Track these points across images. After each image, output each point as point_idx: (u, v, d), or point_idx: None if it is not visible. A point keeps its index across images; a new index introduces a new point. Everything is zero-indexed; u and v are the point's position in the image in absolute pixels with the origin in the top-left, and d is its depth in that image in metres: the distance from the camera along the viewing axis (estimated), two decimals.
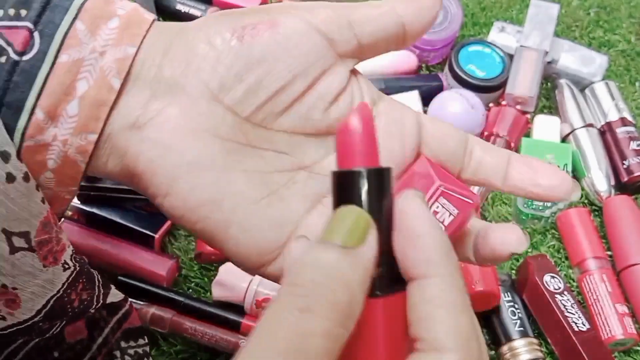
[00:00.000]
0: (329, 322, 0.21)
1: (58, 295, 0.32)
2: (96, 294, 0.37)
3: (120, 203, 0.57)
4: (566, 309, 0.54)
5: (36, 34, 0.27)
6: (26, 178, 0.27)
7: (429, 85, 0.67)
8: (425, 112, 0.65)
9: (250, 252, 0.30)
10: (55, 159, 0.28)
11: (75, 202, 0.56)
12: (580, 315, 0.54)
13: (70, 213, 0.57)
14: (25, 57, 0.27)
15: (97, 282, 0.36)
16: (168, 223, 0.57)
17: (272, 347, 0.20)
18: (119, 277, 0.55)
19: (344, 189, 0.24)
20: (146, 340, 0.45)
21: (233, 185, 0.29)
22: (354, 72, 0.32)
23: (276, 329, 0.20)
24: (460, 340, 0.22)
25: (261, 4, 0.71)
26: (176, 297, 0.54)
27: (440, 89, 0.67)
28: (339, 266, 0.22)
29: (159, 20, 0.66)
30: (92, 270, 0.36)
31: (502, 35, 0.70)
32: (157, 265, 0.55)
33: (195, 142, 0.28)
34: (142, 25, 0.29)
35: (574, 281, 0.60)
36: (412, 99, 0.64)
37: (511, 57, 0.68)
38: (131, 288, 0.55)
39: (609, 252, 0.60)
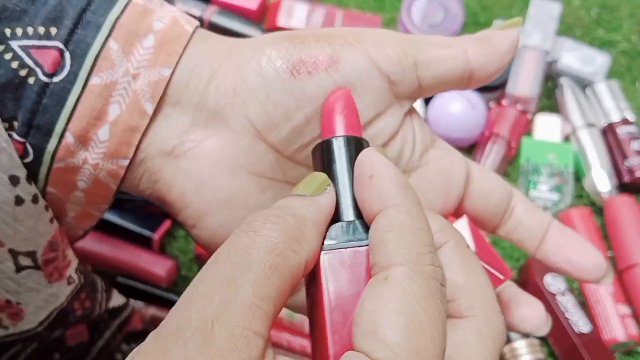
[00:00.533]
0: (274, 239, 0.21)
1: (62, 307, 0.32)
2: (99, 300, 0.36)
3: (119, 204, 0.57)
4: (567, 310, 0.54)
5: (67, 55, 0.26)
6: (35, 200, 0.27)
7: None
8: (425, 112, 0.65)
9: None
10: (85, 180, 0.27)
11: None
12: (582, 316, 0.54)
13: None
14: (56, 79, 0.26)
15: (100, 289, 0.36)
16: (167, 224, 0.57)
17: (217, 264, 0.21)
18: (119, 278, 0.55)
19: (319, 159, 0.26)
20: None
21: None
22: (410, 111, 0.30)
23: (223, 249, 0.21)
24: (410, 254, 0.21)
25: (260, 4, 0.71)
26: (176, 298, 0.54)
27: None
28: (292, 204, 0.23)
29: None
30: (95, 277, 0.35)
31: None
32: (157, 265, 0.55)
33: (231, 178, 0.27)
34: (180, 41, 0.27)
35: (575, 282, 0.59)
36: None
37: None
38: (130, 289, 0.55)
39: (610, 253, 0.60)
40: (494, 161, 0.63)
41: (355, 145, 0.25)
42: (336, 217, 0.25)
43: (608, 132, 0.65)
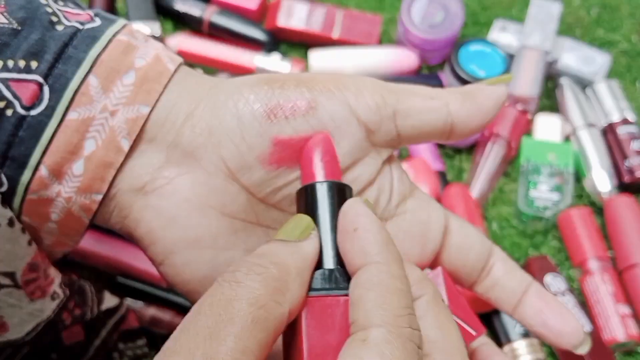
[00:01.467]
0: (256, 291, 0.21)
1: (48, 319, 0.32)
2: (89, 306, 0.36)
3: None
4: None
5: (46, 89, 0.26)
6: (11, 223, 0.26)
7: (429, 85, 0.67)
8: None
9: None
10: (58, 213, 0.27)
11: None
12: (582, 316, 0.54)
13: None
14: (33, 112, 0.25)
15: (89, 294, 0.36)
16: None
17: (200, 316, 0.21)
18: (119, 278, 0.55)
19: (302, 204, 0.25)
20: (145, 341, 0.45)
21: (230, 263, 0.28)
22: (389, 159, 0.30)
23: (205, 300, 0.21)
24: (388, 316, 0.21)
25: (260, 4, 0.71)
26: (176, 298, 0.54)
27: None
28: (276, 251, 0.23)
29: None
30: (83, 284, 0.35)
31: (503, 35, 0.70)
32: None
33: (200, 219, 0.27)
34: (160, 80, 0.27)
35: (575, 282, 0.59)
36: None
37: (512, 56, 0.68)
38: (130, 289, 0.55)
39: (610, 253, 0.60)
40: (494, 161, 0.63)
41: (339, 192, 0.25)
42: (318, 263, 0.24)
43: (608, 132, 0.65)
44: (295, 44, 0.71)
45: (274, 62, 0.67)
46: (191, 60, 0.68)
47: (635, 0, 0.76)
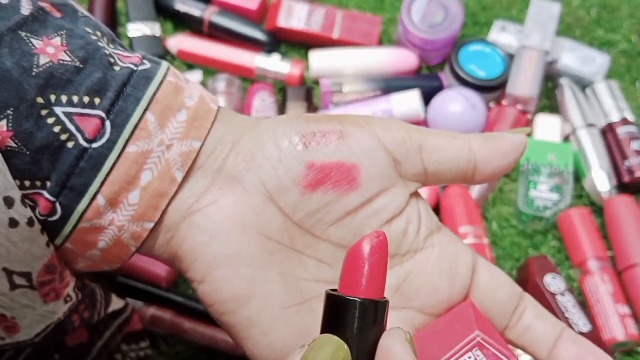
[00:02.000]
0: None
1: (59, 322, 0.32)
2: (97, 309, 0.37)
3: None
4: (567, 309, 0.54)
5: (107, 123, 0.27)
6: (30, 223, 0.27)
7: (429, 85, 0.67)
8: (425, 112, 0.65)
9: (268, 355, 0.30)
10: (107, 241, 0.29)
11: None
12: (581, 316, 0.54)
13: None
14: (95, 145, 0.27)
15: (98, 297, 0.37)
16: None
17: None
18: (119, 278, 0.55)
19: (334, 313, 0.24)
20: (148, 343, 0.45)
21: (267, 285, 0.29)
22: (415, 195, 0.31)
23: None
24: None
25: (260, 4, 0.71)
26: (175, 298, 0.54)
27: (440, 88, 0.66)
28: None
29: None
30: (93, 287, 0.36)
31: (502, 35, 0.70)
32: (157, 265, 0.55)
33: (240, 235, 0.29)
34: (208, 117, 0.30)
35: (575, 281, 0.59)
36: (412, 98, 0.64)
37: (512, 56, 0.68)
38: (130, 289, 0.55)
39: (610, 253, 0.60)
40: None
41: (379, 312, 0.24)
42: None
43: (608, 132, 0.65)
44: (295, 44, 0.71)
45: (274, 62, 0.67)
46: (191, 60, 0.68)
47: (635, 0, 0.76)
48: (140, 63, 0.29)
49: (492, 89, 0.66)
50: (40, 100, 0.26)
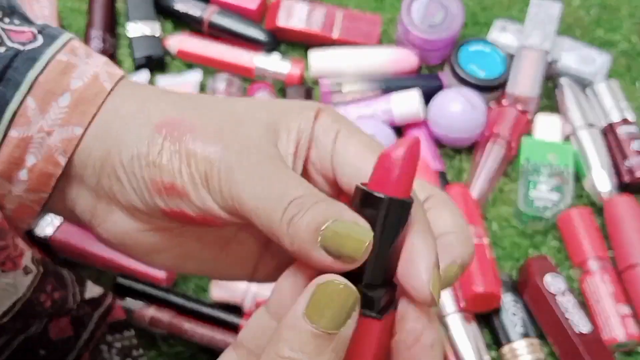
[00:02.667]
0: None
1: (25, 298, 0.33)
2: (71, 292, 0.37)
3: None
4: (567, 310, 0.54)
5: None
6: None
7: (429, 85, 0.67)
8: (425, 112, 0.65)
9: (235, 275, 0.32)
10: (10, 207, 0.30)
11: None
12: (582, 317, 0.54)
13: None
14: None
15: (69, 280, 0.37)
16: None
17: None
18: (119, 278, 0.55)
19: (361, 207, 0.24)
20: (133, 333, 0.45)
21: (191, 253, 0.31)
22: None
23: None
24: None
25: (260, 4, 0.71)
26: (175, 298, 0.54)
27: (440, 88, 0.66)
28: (316, 352, 0.23)
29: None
30: (60, 269, 0.36)
31: (503, 35, 0.70)
32: None
33: (144, 239, 0.30)
34: (95, 101, 0.29)
35: (575, 282, 0.59)
36: (412, 98, 0.64)
37: (512, 56, 0.68)
38: (130, 289, 0.55)
39: (610, 253, 0.60)
40: (493, 161, 0.63)
41: (404, 211, 0.25)
42: (360, 276, 0.24)
43: (608, 132, 0.65)
44: (295, 44, 0.71)
45: (274, 62, 0.67)
46: (191, 60, 0.68)
47: (635, 0, 0.76)
48: (30, 40, 0.29)
49: (492, 89, 0.66)
50: None
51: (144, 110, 0.29)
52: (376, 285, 0.24)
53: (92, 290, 0.41)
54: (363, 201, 0.24)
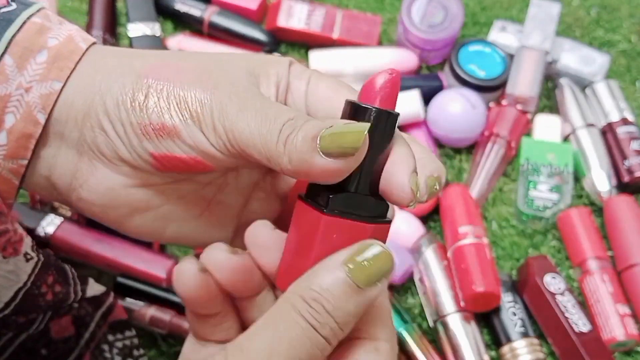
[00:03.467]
0: (327, 343, 0.26)
1: (26, 287, 0.33)
2: (72, 287, 0.37)
3: None
4: (567, 309, 0.54)
5: None
6: None
7: (429, 85, 0.67)
8: (425, 112, 0.65)
9: (212, 240, 0.32)
10: None
11: None
12: (581, 316, 0.54)
13: (70, 213, 0.57)
14: None
15: (70, 275, 0.37)
16: None
17: (287, 341, 0.25)
18: (119, 278, 0.55)
19: (353, 118, 0.27)
20: (134, 332, 0.45)
21: (173, 213, 0.31)
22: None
23: (291, 329, 0.25)
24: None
25: (260, 4, 0.71)
26: (175, 298, 0.54)
27: (440, 89, 0.67)
28: (347, 305, 0.26)
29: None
30: (63, 265, 0.36)
31: (502, 35, 0.70)
32: (157, 265, 0.55)
33: (126, 197, 0.30)
34: (72, 57, 0.29)
35: (574, 281, 0.59)
36: (412, 98, 0.64)
37: (512, 56, 0.68)
38: (130, 288, 0.55)
39: (610, 253, 0.60)
40: (493, 161, 0.63)
41: (390, 122, 0.27)
42: (349, 185, 0.26)
43: (608, 132, 0.65)
44: (295, 44, 0.71)
45: None
46: None
47: (635, 0, 0.76)
48: (5, 5, 0.29)
49: (492, 89, 0.66)
50: None
51: (125, 63, 0.29)
52: (366, 194, 0.26)
53: (94, 288, 0.41)
54: (353, 114, 0.26)
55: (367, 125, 0.25)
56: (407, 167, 0.26)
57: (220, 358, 0.26)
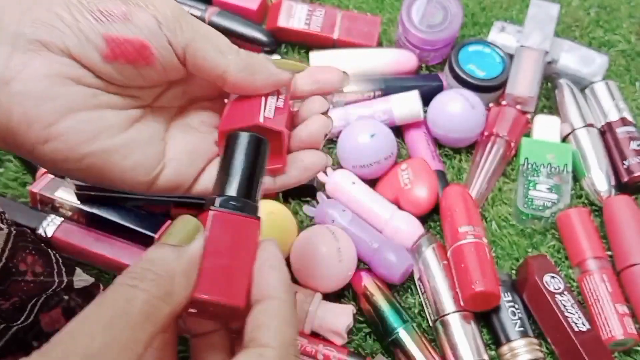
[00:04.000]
0: (150, 293, 0.26)
1: (1, 263, 0.33)
2: (55, 270, 0.37)
3: (120, 203, 0.57)
4: (566, 309, 0.54)
5: None
6: None
7: (429, 85, 0.67)
8: (425, 112, 0.65)
9: (137, 173, 0.33)
10: None
11: (75, 202, 0.56)
12: (581, 316, 0.54)
13: (70, 213, 0.57)
14: None
15: (53, 259, 0.37)
16: (168, 223, 0.57)
17: (102, 307, 0.25)
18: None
19: (231, 147, 0.33)
20: None
21: (105, 120, 0.32)
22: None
23: (107, 295, 0.26)
24: (282, 343, 0.28)
25: (260, 5, 0.71)
26: None
27: (440, 89, 0.67)
28: (165, 257, 0.28)
29: None
30: (43, 247, 0.37)
31: (502, 35, 0.70)
32: None
33: (64, 88, 0.30)
34: None
35: (574, 281, 0.59)
36: (411, 99, 0.64)
37: (511, 57, 0.68)
38: None
39: (609, 252, 0.60)
40: (493, 161, 0.64)
41: (259, 144, 0.33)
42: (224, 190, 0.31)
43: (607, 132, 0.66)
44: (295, 44, 0.71)
45: None
46: None
47: (634, 0, 0.76)
48: None
49: (491, 89, 0.66)
50: None
51: None
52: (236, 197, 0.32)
53: (84, 278, 0.41)
54: (233, 144, 0.33)
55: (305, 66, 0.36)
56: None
57: None
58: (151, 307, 0.26)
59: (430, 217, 0.62)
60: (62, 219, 0.56)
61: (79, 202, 0.56)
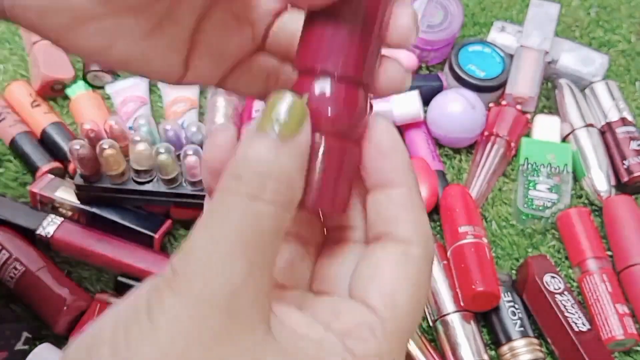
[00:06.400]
0: (275, 206, 0.23)
1: None
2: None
3: (120, 203, 0.57)
4: (566, 309, 0.54)
5: None
6: None
7: (429, 85, 0.67)
8: (425, 112, 0.65)
9: (161, 77, 0.31)
10: None
11: (75, 202, 0.56)
12: (581, 316, 0.54)
13: (70, 213, 0.57)
14: None
15: None
16: (168, 223, 0.57)
17: (228, 227, 0.22)
18: (119, 278, 0.55)
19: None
20: None
21: (120, 28, 0.29)
22: None
23: (229, 212, 0.22)
24: (424, 237, 0.25)
25: None
26: None
27: (440, 89, 0.67)
28: (278, 159, 0.23)
29: None
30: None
31: (502, 35, 0.70)
32: (157, 265, 0.55)
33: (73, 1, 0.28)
34: None
35: (574, 281, 0.59)
36: (412, 99, 0.64)
37: (511, 57, 0.68)
38: (131, 288, 0.55)
39: (609, 252, 0.60)
40: (493, 161, 0.64)
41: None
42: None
43: (607, 132, 0.66)
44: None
45: None
46: None
47: (634, 0, 0.76)
48: None
49: (491, 89, 0.66)
50: None
51: None
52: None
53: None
54: None
55: None
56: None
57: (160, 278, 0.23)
58: (278, 222, 0.23)
59: (430, 217, 0.62)
60: (62, 218, 0.56)
61: (79, 202, 0.56)
